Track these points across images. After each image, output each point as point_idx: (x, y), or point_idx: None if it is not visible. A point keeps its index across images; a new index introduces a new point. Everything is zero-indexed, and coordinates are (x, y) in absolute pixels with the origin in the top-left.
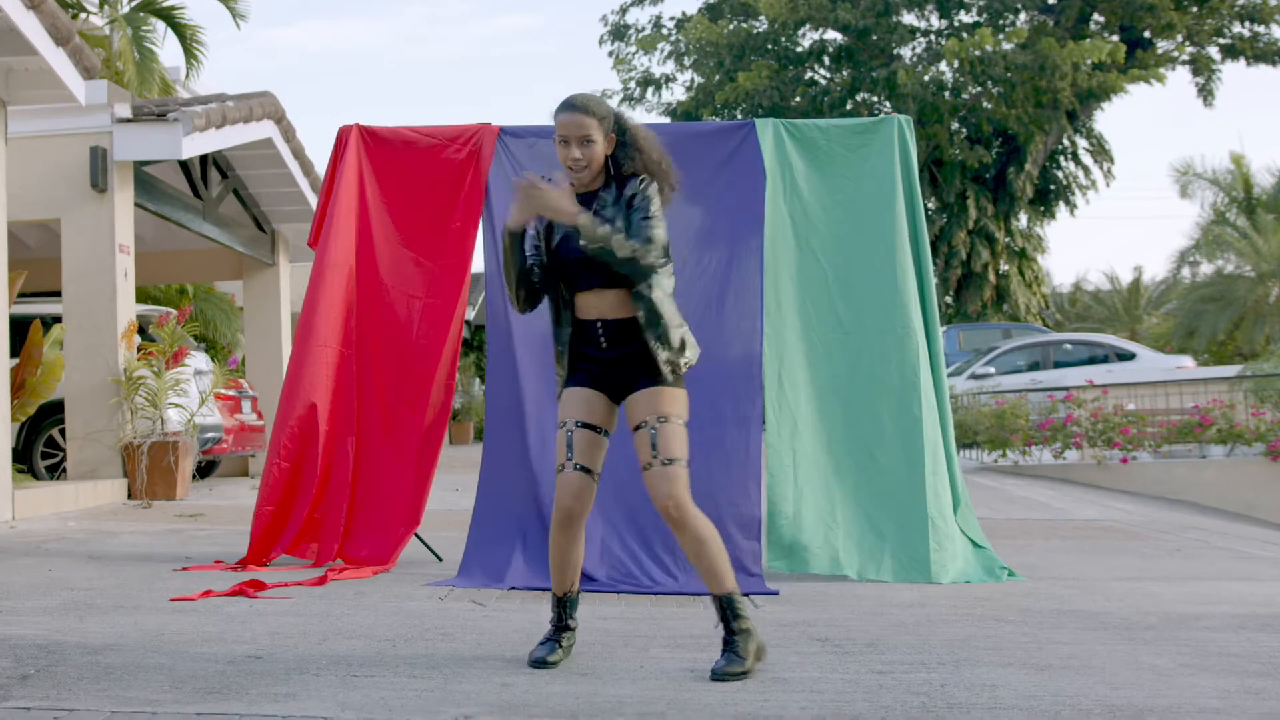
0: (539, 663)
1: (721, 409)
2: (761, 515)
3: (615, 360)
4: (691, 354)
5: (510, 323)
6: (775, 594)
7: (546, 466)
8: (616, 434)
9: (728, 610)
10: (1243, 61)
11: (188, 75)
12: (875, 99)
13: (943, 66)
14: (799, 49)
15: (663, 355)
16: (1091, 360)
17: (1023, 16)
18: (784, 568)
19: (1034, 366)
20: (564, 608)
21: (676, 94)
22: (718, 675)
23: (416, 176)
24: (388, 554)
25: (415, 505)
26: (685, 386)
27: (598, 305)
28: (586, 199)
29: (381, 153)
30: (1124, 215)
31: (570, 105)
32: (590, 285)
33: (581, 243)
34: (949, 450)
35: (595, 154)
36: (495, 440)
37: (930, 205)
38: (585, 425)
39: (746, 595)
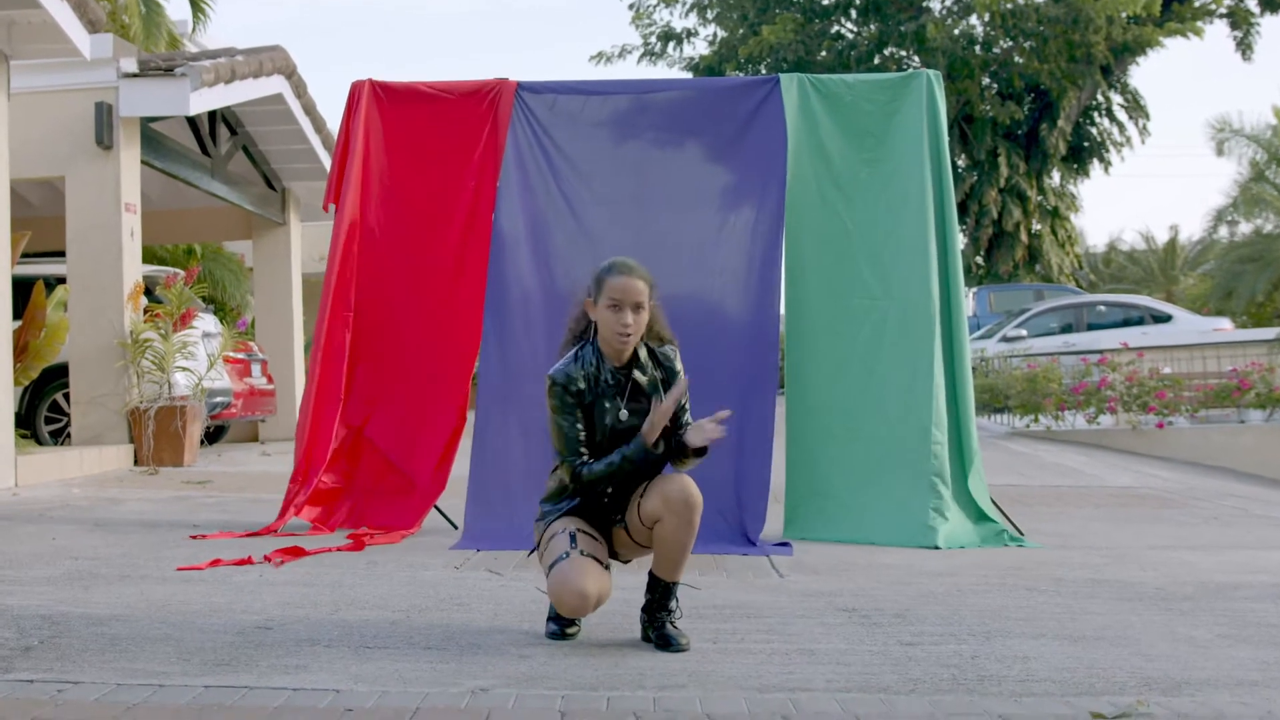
0: (555, 635)
1: (738, 374)
2: (775, 481)
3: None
4: None
5: (507, 287)
6: (789, 553)
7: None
8: None
9: (673, 593)
10: None
11: (195, 29)
12: (903, 53)
13: (973, 20)
14: (825, 1)
15: None
16: (1126, 322)
17: None
18: (798, 534)
19: (1067, 329)
20: None
21: (698, 49)
22: (675, 644)
23: (432, 133)
24: (413, 519)
25: (441, 471)
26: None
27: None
28: (614, 371)
29: (396, 109)
30: (1160, 173)
31: (626, 269)
32: None
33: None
34: (967, 416)
35: (643, 321)
36: (489, 409)
37: (960, 163)
38: (588, 534)
39: (766, 558)
